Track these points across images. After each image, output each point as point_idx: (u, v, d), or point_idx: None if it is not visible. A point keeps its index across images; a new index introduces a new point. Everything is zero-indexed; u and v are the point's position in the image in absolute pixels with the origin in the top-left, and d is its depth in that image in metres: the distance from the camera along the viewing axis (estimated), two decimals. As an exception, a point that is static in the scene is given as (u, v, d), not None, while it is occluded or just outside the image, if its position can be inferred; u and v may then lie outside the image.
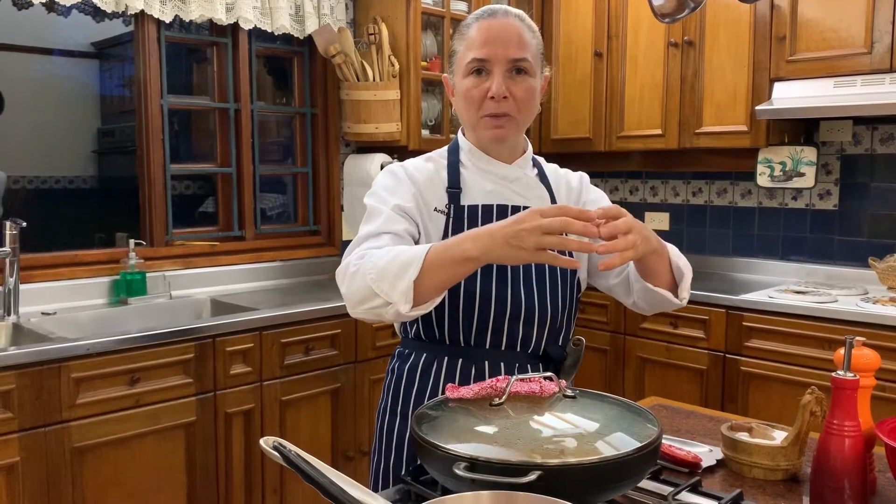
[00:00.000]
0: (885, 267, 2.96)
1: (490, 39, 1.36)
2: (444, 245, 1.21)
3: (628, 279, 1.46)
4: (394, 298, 1.20)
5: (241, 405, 2.47)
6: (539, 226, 1.10)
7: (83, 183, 5.14)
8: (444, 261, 1.19)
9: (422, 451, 1.02)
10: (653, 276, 1.37)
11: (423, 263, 1.18)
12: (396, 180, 1.43)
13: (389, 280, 1.20)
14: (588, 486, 0.94)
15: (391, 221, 1.36)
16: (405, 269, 1.19)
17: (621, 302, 1.52)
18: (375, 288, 1.21)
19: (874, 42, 2.76)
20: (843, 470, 1.09)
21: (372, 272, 1.22)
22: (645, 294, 1.41)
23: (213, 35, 3.11)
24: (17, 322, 2.42)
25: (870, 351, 1.17)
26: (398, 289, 1.19)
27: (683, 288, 1.40)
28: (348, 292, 1.27)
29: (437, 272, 1.19)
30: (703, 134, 3.23)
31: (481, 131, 1.41)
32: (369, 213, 1.40)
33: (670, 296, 1.39)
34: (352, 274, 1.26)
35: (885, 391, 2.46)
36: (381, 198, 1.40)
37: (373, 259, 1.24)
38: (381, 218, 1.36)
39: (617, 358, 3.24)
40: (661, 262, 1.35)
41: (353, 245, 1.35)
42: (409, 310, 1.20)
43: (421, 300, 1.21)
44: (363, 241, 1.34)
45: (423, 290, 1.20)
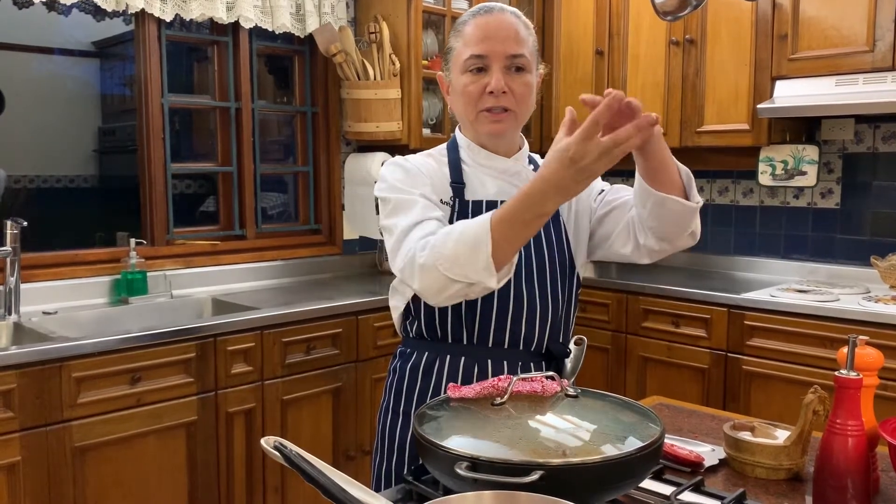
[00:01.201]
0: (887, 265, 2.96)
1: (487, 36, 1.36)
2: (507, 209, 1.17)
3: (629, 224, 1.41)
4: (476, 278, 1.18)
5: (243, 404, 2.47)
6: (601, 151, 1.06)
7: (84, 182, 5.14)
8: (514, 225, 1.16)
9: (423, 450, 1.01)
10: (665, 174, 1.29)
11: (492, 232, 1.16)
12: (409, 173, 1.40)
13: (463, 263, 1.17)
14: (590, 486, 0.94)
15: (428, 209, 1.32)
16: (476, 246, 1.16)
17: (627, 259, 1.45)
18: (453, 276, 1.19)
19: (876, 40, 2.75)
20: (846, 469, 1.08)
21: (442, 262, 1.19)
22: (657, 210, 1.31)
23: (213, 34, 3.11)
24: (18, 321, 2.42)
25: (873, 350, 1.17)
26: (478, 267, 1.17)
27: (693, 191, 1.32)
28: (423, 287, 1.24)
29: (510, 238, 1.17)
30: (705, 132, 3.23)
31: (480, 126, 1.40)
32: (398, 204, 1.35)
33: (684, 200, 1.30)
34: (420, 266, 1.22)
35: (888, 390, 2.46)
36: (405, 189, 1.36)
37: (435, 248, 1.21)
38: (418, 207, 1.32)
39: (619, 357, 3.24)
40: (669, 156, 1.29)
41: (398, 240, 1.30)
42: (497, 282, 1.19)
43: (501, 266, 1.19)
44: (409, 231, 1.29)
45: (501, 258, 1.18)
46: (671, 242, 1.38)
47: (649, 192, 1.29)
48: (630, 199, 1.42)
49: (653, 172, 1.28)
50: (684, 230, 1.36)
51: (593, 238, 1.50)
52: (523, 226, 1.16)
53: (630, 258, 1.44)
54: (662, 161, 1.27)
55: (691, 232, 1.37)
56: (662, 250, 1.40)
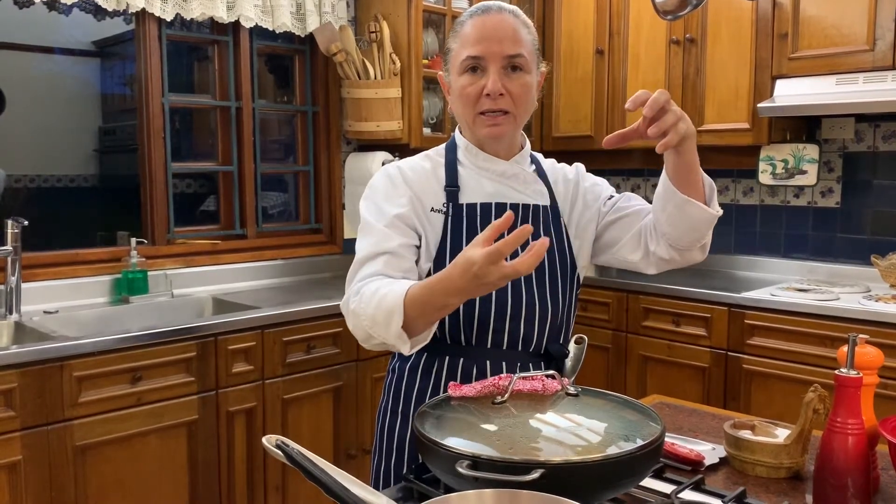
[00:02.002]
0: (887, 264, 2.96)
1: (485, 36, 1.35)
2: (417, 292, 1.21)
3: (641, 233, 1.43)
4: (390, 342, 1.25)
5: (243, 403, 2.48)
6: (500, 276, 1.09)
7: (84, 181, 5.14)
8: (424, 307, 1.21)
9: (424, 449, 1.01)
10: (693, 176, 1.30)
11: (405, 310, 1.21)
12: (392, 184, 1.42)
13: (380, 327, 1.24)
14: (591, 485, 0.94)
15: (385, 239, 1.36)
16: (390, 317, 1.22)
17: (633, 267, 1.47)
18: (372, 333, 1.26)
19: (876, 39, 2.75)
20: (846, 468, 1.08)
21: (364, 319, 1.27)
22: (677, 213, 1.33)
23: (214, 33, 3.11)
24: (19, 321, 2.42)
25: (873, 348, 1.17)
26: (391, 335, 1.23)
27: (715, 201, 1.33)
28: (353, 330, 1.33)
29: (419, 316, 1.22)
30: (705, 131, 3.22)
31: (478, 128, 1.40)
32: (363, 226, 1.41)
33: (705, 206, 1.32)
34: (351, 312, 1.31)
35: (888, 389, 2.46)
36: (377, 208, 1.40)
37: (363, 303, 1.27)
38: (375, 236, 1.37)
39: (619, 356, 3.24)
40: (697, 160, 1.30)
41: (352, 270, 1.37)
42: (410, 349, 1.26)
43: (415, 335, 1.25)
44: (360, 266, 1.36)
45: (414, 329, 1.24)
46: (682, 253, 1.41)
47: (674, 192, 1.32)
48: (643, 208, 1.46)
49: (682, 173, 1.31)
50: (698, 240, 1.39)
51: (598, 241, 1.50)
52: (431, 310, 1.22)
53: (637, 266, 1.47)
54: (692, 163, 1.30)
55: (703, 245, 1.40)
56: (672, 260, 1.42)
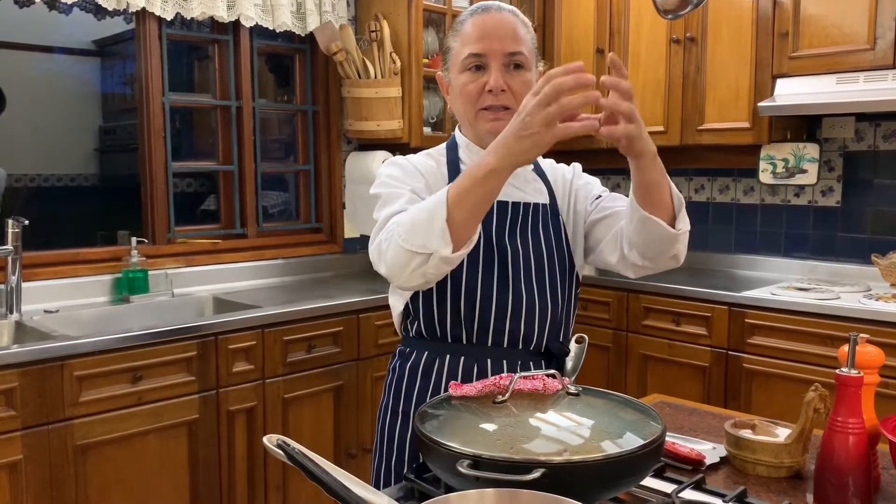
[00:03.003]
0: (887, 263, 2.96)
1: (485, 34, 1.36)
2: (461, 177, 1.18)
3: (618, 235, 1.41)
4: (433, 247, 1.16)
5: (244, 403, 2.48)
6: (536, 104, 1.08)
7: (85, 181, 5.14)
8: (467, 187, 1.15)
9: (425, 448, 1.01)
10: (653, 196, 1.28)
11: (448, 200, 1.15)
12: (405, 171, 1.42)
13: (421, 232, 1.17)
14: (592, 484, 0.94)
15: (413, 202, 1.32)
16: (432, 214, 1.16)
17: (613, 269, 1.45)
18: (410, 247, 1.18)
19: (877, 38, 2.75)
20: (846, 467, 1.08)
21: (401, 232, 1.19)
22: (641, 227, 1.31)
23: (214, 32, 3.11)
24: (20, 320, 2.42)
25: (873, 348, 1.17)
26: (433, 235, 1.16)
27: (682, 218, 1.31)
28: (387, 266, 1.24)
29: (465, 201, 1.15)
30: (706, 131, 3.23)
31: (479, 124, 1.40)
32: (387, 197, 1.36)
33: (668, 227, 1.29)
34: (385, 249, 1.24)
35: (889, 388, 2.46)
36: (396, 185, 1.38)
37: (397, 222, 1.22)
38: (402, 199, 1.33)
39: (619, 355, 3.24)
40: (663, 178, 1.27)
41: (377, 228, 1.32)
42: (452, 251, 1.17)
43: (459, 239, 1.18)
44: (389, 218, 1.30)
45: (458, 227, 1.16)
46: (653, 262, 1.38)
47: (636, 208, 1.30)
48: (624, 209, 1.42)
49: (643, 190, 1.28)
50: (665, 254, 1.36)
51: (587, 241, 1.50)
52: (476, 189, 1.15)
53: (616, 268, 1.45)
54: (653, 182, 1.26)
55: (674, 255, 1.37)
56: (644, 267, 1.40)
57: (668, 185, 1.29)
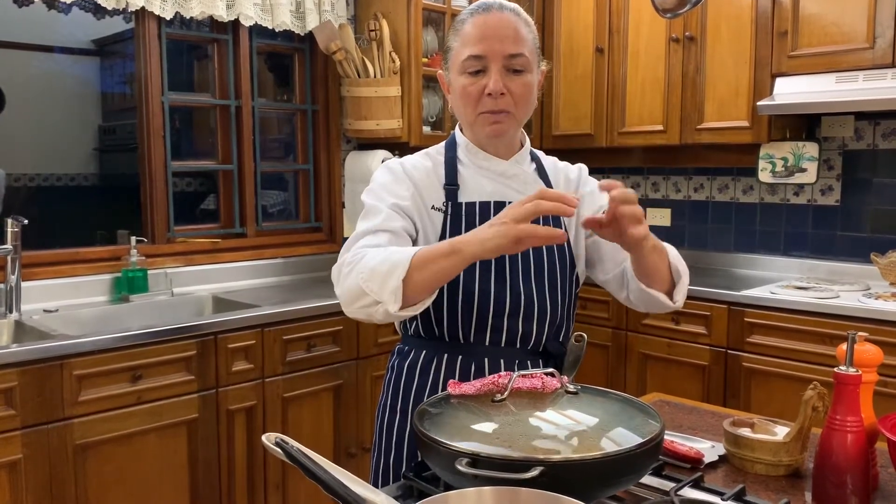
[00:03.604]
0: (887, 262, 2.96)
1: (486, 35, 1.34)
2: (430, 247, 1.22)
3: (623, 275, 1.44)
4: (383, 298, 1.19)
5: (243, 402, 2.48)
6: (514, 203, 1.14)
7: (84, 180, 5.14)
8: (432, 256, 1.18)
9: (424, 447, 1.01)
10: (652, 276, 1.35)
11: (411, 262, 1.18)
12: (395, 178, 1.42)
13: (379, 279, 1.20)
14: (590, 482, 0.94)
15: (389, 219, 1.35)
16: (394, 268, 1.19)
17: (614, 296, 1.51)
18: (365, 287, 1.21)
19: (876, 37, 2.75)
20: (845, 465, 1.09)
21: (363, 272, 1.22)
22: (640, 294, 1.39)
23: (213, 32, 3.11)
24: (19, 319, 2.42)
25: (872, 346, 1.17)
26: (387, 288, 1.19)
27: (679, 291, 1.38)
28: (342, 291, 1.28)
29: (427, 267, 1.18)
30: (705, 129, 3.22)
31: (479, 128, 1.40)
32: (367, 210, 1.40)
33: (665, 298, 1.37)
34: (345, 274, 1.27)
35: (888, 386, 2.46)
36: (380, 195, 1.40)
37: (365, 259, 1.24)
38: (380, 216, 1.36)
39: (619, 354, 3.24)
40: (661, 261, 1.34)
41: (349, 242, 1.35)
42: (398, 310, 1.20)
43: (410, 300, 1.20)
44: (360, 237, 1.34)
45: (413, 289, 1.19)
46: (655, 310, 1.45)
47: (634, 280, 1.38)
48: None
49: (641, 271, 1.35)
50: (661, 311, 1.44)
51: (587, 253, 1.50)
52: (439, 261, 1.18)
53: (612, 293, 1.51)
54: (655, 268, 1.34)
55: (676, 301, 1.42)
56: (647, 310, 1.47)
57: (666, 263, 1.36)
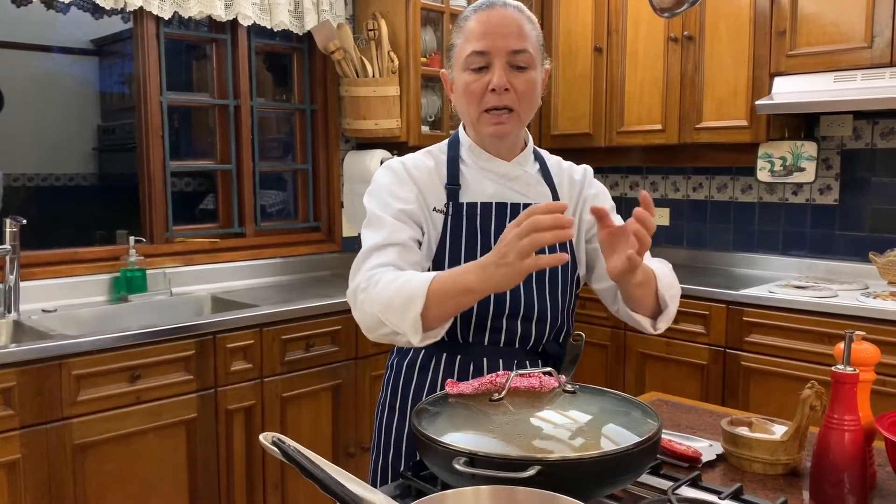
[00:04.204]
0: (885, 262, 2.96)
1: (489, 31, 1.34)
2: (447, 276, 1.22)
3: (616, 291, 1.43)
4: (403, 330, 1.22)
5: (242, 402, 2.48)
6: (513, 235, 1.12)
7: (83, 180, 5.14)
8: (447, 293, 1.20)
9: (422, 446, 1.02)
10: (637, 304, 1.37)
11: (427, 296, 1.20)
12: (398, 179, 1.41)
13: (396, 313, 1.22)
14: (588, 481, 0.94)
15: (395, 231, 1.35)
16: (410, 301, 1.20)
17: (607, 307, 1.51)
18: (384, 319, 1.24)
19: (874, 36, 2.75)
20: (842, 464, 1.09)
21: (378, 303, 1.24)
22: (625, 315, 1.42)
23: (212, 32, 3.11)
24: (18, 319, 2.42)
25: (869, 345, 1.17)
26: (406, 321, 1.21)
27: (663, 319, 1.39)
28: (360, 319, 1.31)
29: (442, 304, 1.21)
30: (704, 129, 3.23)
31: (482, 127, 1.39)
32: (371, 219, 1.39)
33: (648, 325, 1.39)
34: (361, 301, 1.29)
35: (885, 385, 2.46)
36: (383, 202, 1.38)
37: (378, 288, 1.26)
38: (386, 228, 1.35)
39: (617, 353, 3.24)
40: (646, 293, 1.35)
41: (360, 258, 1.35)
42: (420, 340, 1.23)
43: (430, 328, 1.23)
44: (369, 254, 1.33)
45: (430, 320, 1.22)
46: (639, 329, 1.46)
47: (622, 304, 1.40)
48: None
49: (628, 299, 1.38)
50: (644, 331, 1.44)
51: (587, 257, 1.50)
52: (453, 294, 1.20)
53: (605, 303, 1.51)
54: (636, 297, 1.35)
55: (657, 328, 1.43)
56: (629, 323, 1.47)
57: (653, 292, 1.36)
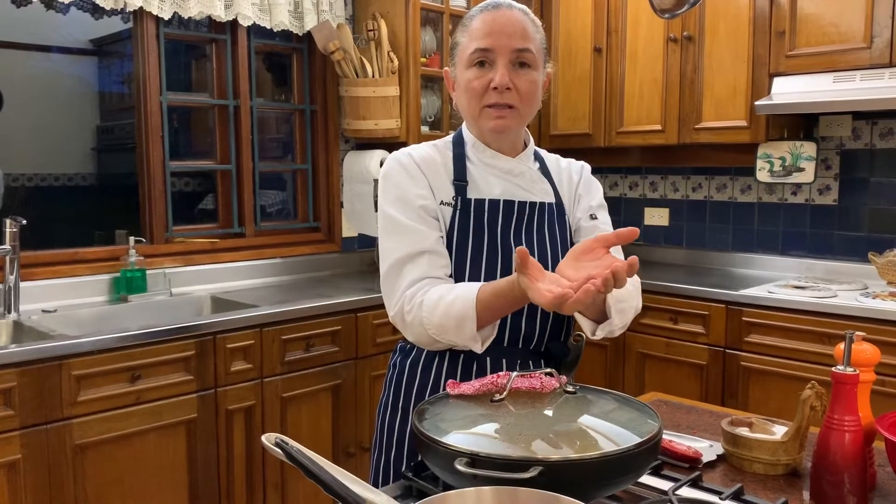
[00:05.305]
0: (884, 262, 2.96)
1: (494, 30, 1.36)
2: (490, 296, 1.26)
3: None
4: (463, 343, 1.31)
5: (242, 402, 2.48)
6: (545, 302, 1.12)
7: (83, 180, 5.13)
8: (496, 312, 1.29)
9: (423, 446, 1.02)
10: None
11: (477, 312, 1.26)
12: (408, 174, 1.41)
13: (452, 332, 1.30)
14: (589, 482, 0.94)
15: (420, 237, 1.36)
16: (462, 321, 1.27)
17: None
18: (440, 339, 1.32)
19: (874, 36, 2.75)
20: (843, 464, 1.09)
21: (431, 328, 1.31)
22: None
23: (211, 32, 3.11)
24: (18, 320, 2.42)
25: (869, 346, 1.17)
26: (464, 336, 1.29)
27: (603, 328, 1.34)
28: (414, 338, 1.38)
29: (492, 316, 1.29)
30: (703, 129, 3.23)
31: (483, 121, 1.40)
32: (390, 225, 1.39)
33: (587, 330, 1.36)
34: (410, 324, 1.34)
35: (885, 386, 2.47)
36: (402, 203, 1.39)
37: (425, 312, 1.31)
38: (409, 235, 1.37)
39: (617, 353, 3.25)
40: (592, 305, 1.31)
41: (390, 274, 1.37)
42: (482, 347, 1.32)
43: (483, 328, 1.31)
44: (401, 269, 1.36)
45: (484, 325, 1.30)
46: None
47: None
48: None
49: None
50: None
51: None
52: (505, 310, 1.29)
53: None
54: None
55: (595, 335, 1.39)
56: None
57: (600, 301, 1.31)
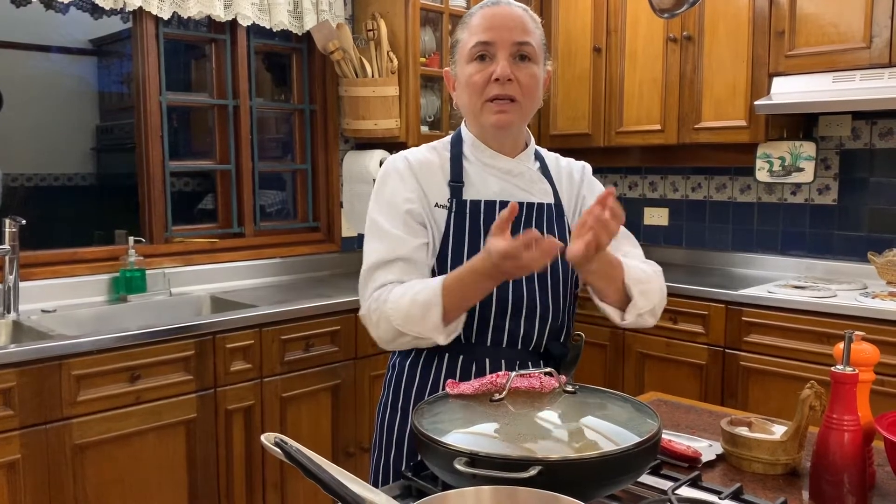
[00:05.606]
0: (884, 262, 2.96)
1: (494, 25, 1.37)
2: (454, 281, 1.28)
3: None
4: (426, 335, 1.31)
5: (242, 402, 2.48)
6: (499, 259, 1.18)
7: (82, 180, 5.13)
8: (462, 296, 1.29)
9: (422, 446, 1.02)
10: (601, 294, 1.38)
11: (443, 297, 1.27)
12: (401, 178, 1.42)
13: (416, 322, 1.30)
14: (588, 481, 0.94)
15: (399, 244, 1.37)
16: (427, 309, 1.28)
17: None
18: (404, 330, 1.31)
19: (873, 36, 2.75)
20: (842, 464, 1.09)
21: (395, 318, 1.31)
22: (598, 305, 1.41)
23: (211, 32, 3.11)
24: (17, 319, 2.42)
25: (869, 345, 1.17)
26: (428, 327, 1.29)
27: (630, 312, 1.37)
28: (378, 336, 1.38)
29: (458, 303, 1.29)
30: (702, 129, 3.23)
31: (485, 116, 1.40)
32: (374, 229, 1.42)
33: (615, 316, 1.39)
34: (375, 321, 1.36)
35: (884, 385, 2.47)
36: (387, 207, 1.41)
37: (390, 304, 1.32)
38: (389, 241, 1.38)
39: (617, 353, 3.25)
40: (607, 284, 1.35)
41: (365, 275, 1.40)
42: (447, 339, 1.32)
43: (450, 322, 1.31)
44: (374, 272, 1.38)
45: (450, 316, 1.29)
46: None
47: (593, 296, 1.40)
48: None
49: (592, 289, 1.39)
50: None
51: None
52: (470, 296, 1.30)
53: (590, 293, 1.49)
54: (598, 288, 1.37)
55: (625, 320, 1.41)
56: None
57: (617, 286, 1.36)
